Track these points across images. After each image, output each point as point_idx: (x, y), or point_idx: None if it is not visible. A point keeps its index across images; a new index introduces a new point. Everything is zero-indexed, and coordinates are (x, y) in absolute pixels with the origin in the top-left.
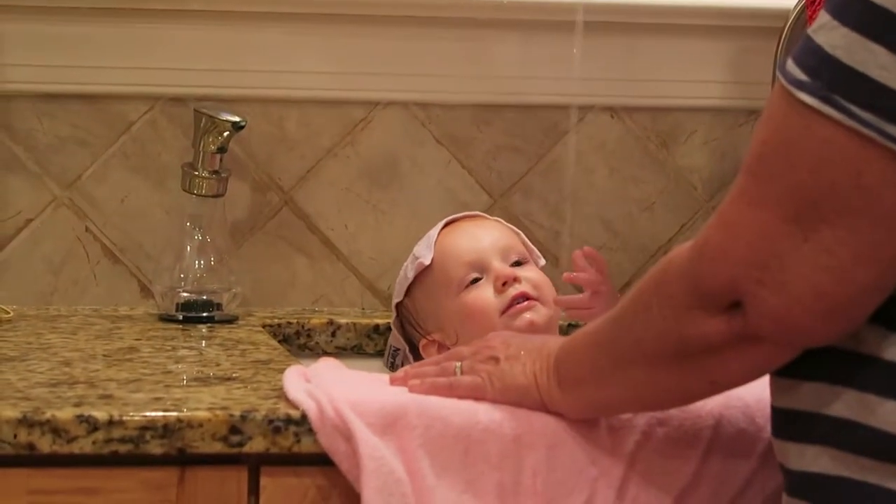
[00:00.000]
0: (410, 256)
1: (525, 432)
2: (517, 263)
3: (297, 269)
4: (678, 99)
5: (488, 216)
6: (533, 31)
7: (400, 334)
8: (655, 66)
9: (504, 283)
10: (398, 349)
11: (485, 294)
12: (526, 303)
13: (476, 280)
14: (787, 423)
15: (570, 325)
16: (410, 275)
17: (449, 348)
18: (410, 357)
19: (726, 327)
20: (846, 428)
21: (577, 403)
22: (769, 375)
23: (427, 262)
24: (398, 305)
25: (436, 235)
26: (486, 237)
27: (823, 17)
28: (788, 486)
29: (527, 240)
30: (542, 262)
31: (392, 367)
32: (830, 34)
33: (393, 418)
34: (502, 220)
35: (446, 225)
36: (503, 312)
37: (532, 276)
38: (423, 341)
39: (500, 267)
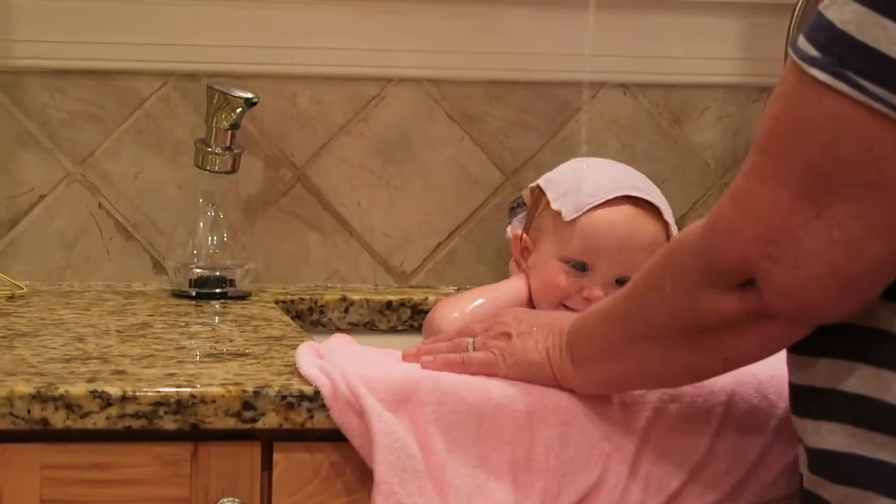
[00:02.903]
0: (584, 180)
1: (538, 408)
2: (623, 281)
3: (309, 245)
4: (691, 75)
5: (664, 214)
6: (545, 8)
7: (530, 207)
8: (668, 42)
9: (587, 298)
10: (522, 204)
11: (567, 285)
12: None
13: (580, 266)
14: (804, 399)
15: None
16: (561, 192)
17: (530, 251)
18: (525, 217)
19: (739, 304)
20: (861, 404)
21: (590, 379)
22: (786, 352)
23: (566, 218)
24: (541, 189)
25: (596, 202)
26: (625, 244)
27: None
28: (809, 463)
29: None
30: None
31: (511, 211)
32: (841, 10)
33: (405, 394)
34: (670, 223)
35: (618, 199)
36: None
37: None
38: (518, 232)
39: (599, 283)
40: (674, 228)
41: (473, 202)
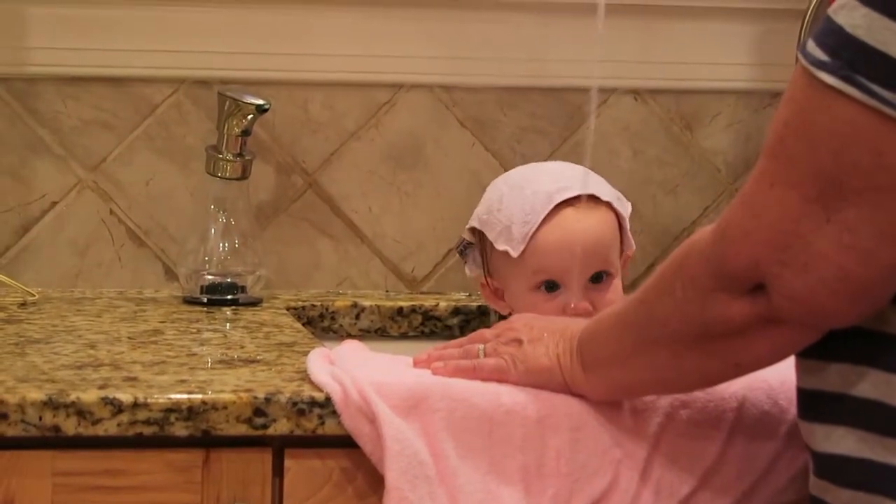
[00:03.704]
0: (511, 212)
1: (548, 414)
2: (598, 277)
3: (321, 251)
4: (702, 81)
5: (601, 198)
6: (557, 14)
7: (474, 240)
8: (679, 48)
9: (576, 313)
10: (471, 243)
11: (551, 308)
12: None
13: (551, 286)
14: (814, 404)
15: None
16: (495, 231)
17: (501, 296)
18: (478, 256)
19: (750, 309)
20: (871, 408)
21: (601, 385)
22: (795, 357)
23: (515, 254)
24: (476, 230)
25: (536, 224)
26: (581, 246)
27: None
28: (815, 468)
29: (626, 224)
30: (633, 249)
31: (462, 255)
32: (851, 14)
33: (416, 400)
34: (612, 202)
35: (554, 209)
36: None
37: (605, 299)
38: (483, 280)
39: (578, 295)
40: (617, 204)
41: None
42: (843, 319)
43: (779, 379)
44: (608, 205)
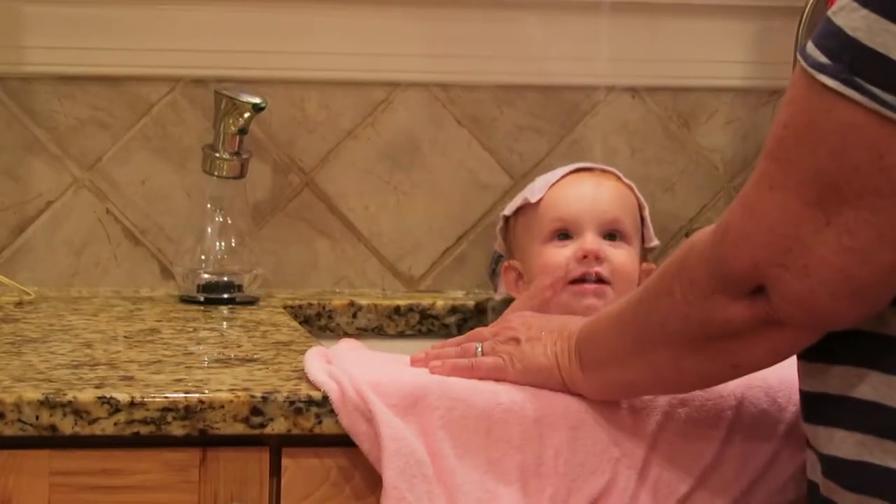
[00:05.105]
0: (532, 184)
1: (546, 413)
2: (612, 237)
3: (317, 250)
4: (700, 79)
5: (622, 178)
6: (554, 12)
7: (503, 241)
8: (677, 45)
9: (585, 256)
10: (501, 255)
11: (563, 256)
12: (595, 286)
13: (564, 236)
14: (816, 406)
15: None
16: (519, 202)
17: (524, 280)
18: (504, 245)
19: (749, 312)
20: (871, 411)
21: (599, 385)
22: (797, 360)
23: (533, 200)
24: (506, 218)
25: (555, 178)
26: (595, 198)
27: None
28: (823, 470)
29: (647, 215)
30: (655, 242)
31: (493, 273)
32: (851, 16)
33: (414, 399)
34: (633, 187)
35: (574, 171)
36: (571, 282)
37: (618, 258)
38: (506, 263)
39: (591, 239)
40: (636, 189)
41: (482, 207)
42: (842, 321)
43: (777, 378)
44: (629, 186)
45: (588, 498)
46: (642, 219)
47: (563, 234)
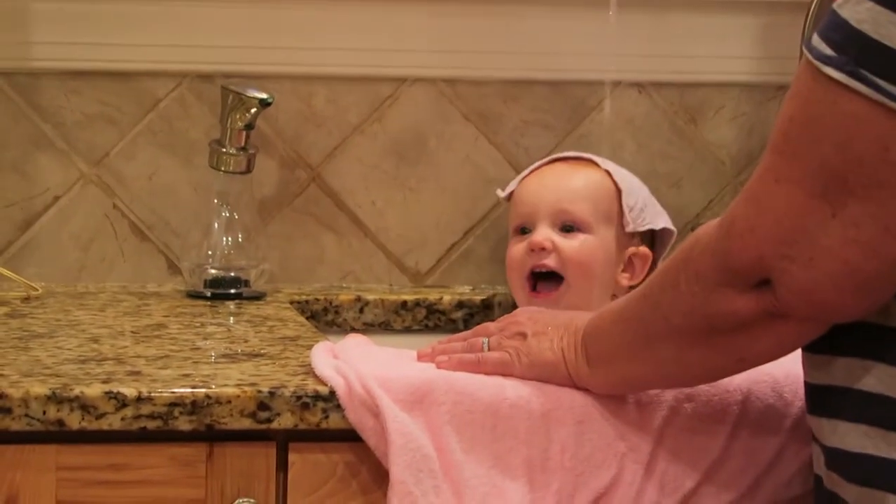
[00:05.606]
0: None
1: (553, 408)
2: (568, 228)
3: (324, 245)
4: (706, 74)
5: (600, 164)
6: (560, 7)
7: None
8: (683, 41)
9: (532, 250)
10: None
11: (518, 251)
12: (543, 295)
13: (525, 230)
14: (821, 399)
15: None
16: (507, 192)
17: None
18: None
19: (755, 304)
20: (876, 402)
21: (605, 379)
22: (802, 352)
23: (503, 195)
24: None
25: (527, 173)
26: (549, 190)
27: None
28: (826, 463)
29: (633, 200)
30: (651, 225)
31: None
32: (856, 8)
33: (421, 394)
34: (611, 172)
35: (548, 163)
36: (528, 284)
37: (569, 248)
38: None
39: (539, 231)
40: (618, 176)
41: (488, 202)
42: (848, 314)
43: (783, 372)
44: (607, 172)
45: (594, 492)
46: (621, 204)
47: (524, 229)
